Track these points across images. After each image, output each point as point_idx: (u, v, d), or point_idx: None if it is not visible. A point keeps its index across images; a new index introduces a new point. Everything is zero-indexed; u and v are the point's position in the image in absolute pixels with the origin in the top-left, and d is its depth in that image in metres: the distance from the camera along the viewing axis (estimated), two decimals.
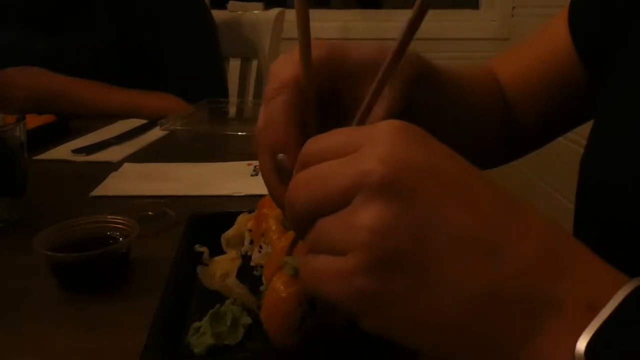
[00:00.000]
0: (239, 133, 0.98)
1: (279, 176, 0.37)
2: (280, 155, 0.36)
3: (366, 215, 0.28)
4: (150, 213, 0.64)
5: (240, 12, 1.60)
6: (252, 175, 0.78)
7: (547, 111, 0.64)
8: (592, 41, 0.57)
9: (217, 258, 0.49)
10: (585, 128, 0.54)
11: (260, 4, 1.76)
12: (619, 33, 0.51)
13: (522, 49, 0.66)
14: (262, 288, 0.45)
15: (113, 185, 0.76)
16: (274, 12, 1.58)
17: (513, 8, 2.25)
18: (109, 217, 0.54)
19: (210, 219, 0.56)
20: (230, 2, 1.77)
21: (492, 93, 0.65)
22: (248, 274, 0.48)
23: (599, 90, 0.53)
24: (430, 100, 0.54)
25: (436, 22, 2.27)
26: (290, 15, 2.15)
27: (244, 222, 0.52)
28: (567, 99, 0.62)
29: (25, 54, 1.18)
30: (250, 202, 0.56)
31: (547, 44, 0.62)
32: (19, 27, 1.22)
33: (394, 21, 2.30)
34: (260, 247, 0.47)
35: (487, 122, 0.64)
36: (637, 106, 0.45)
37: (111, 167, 0.83)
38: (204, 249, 0.50)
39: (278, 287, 0.37)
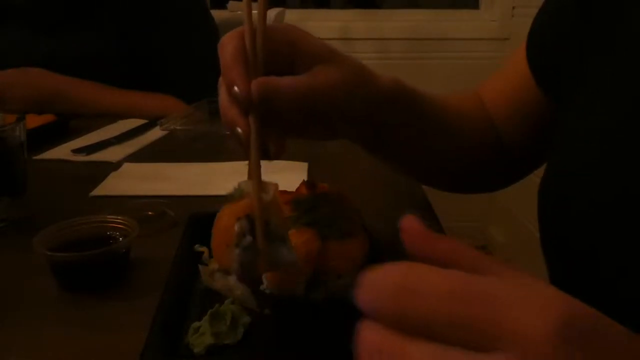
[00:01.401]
0: None
1: (234, 104, 0.43)
2: (235, 88, 0.42)
3: None
4: (150, 213, 0.64)
5: (240, 12, 1.60)
6: None
7: (525, 136, 0.64)
8: (547, 71, 0.56)
9: None
10: None
11: None
12: (572, 65, 0.50)
13: (501, 73, 0.66)
14: (262, 287, 0.45)
15: (113, 185, 0.76)
16: (274, 11, 1.58)
17: (513, 8, 2.24)
18: (109, 217, 0.54)
19: (210, 219, 0.56)
20: (230, 2, 1.77)
21: (480, 118, 0.65)
22: None
23: (556, 118, 0.53)
24: (410, 122, 0.55)
25: (436, 22, 2.27)
26: (290, 15, 2.16)
27: None
28: (539, 124, 0.61)
29: (27, 55, 1.18)
30: None
31: (513, 72, 0.62)
32: (21, 27, 1.22)
33: (394, 21, 2.30)
34: None
35: (478, 147, 0.65)
36: (587, 138, 0.45)
37: (111, 167, 0.83)
38: (204, 249, 0.50)
39: (222, 210, 0.40)
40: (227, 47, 0.44)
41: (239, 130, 0.43)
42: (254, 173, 0.40)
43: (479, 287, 0.22)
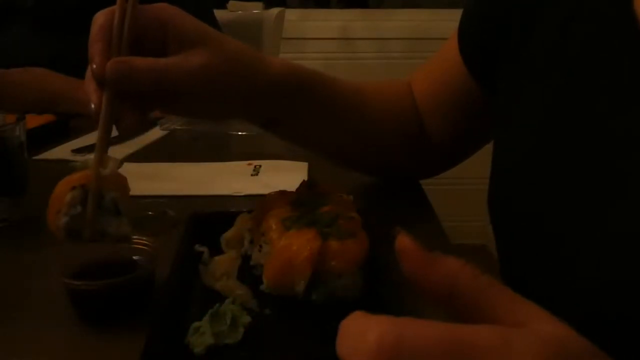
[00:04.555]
0: (239, 133, 0.98)
1: (92, 79, 0.46)
2: (93, 65, 0.45)
3: None
4: (150, 213, 0.64)
5: (240, 12, 1.60)
6: (252, 175, 0.78)
7: (452, 126, 0.64)
8: (480, 60, 0.56)
9: (217, 258, 0.49)
10: None
11: (260, 4, 1.77)
12: (506, 52, 0.50)
13: (432, 62, 0.67)
14: (262, 287, 0.45)
15: None
16: (274, 11, 1.58)
17: None
18: (134, 238, 0.48)
19: (210, 219, 0.56)
20: (230, 1, 1.77)
21: (401, 105, 0.66)
22: (248, 274, 0.48)
23: (493, 111, 0.53)
24: (311, 108, 0.57)
25: (436, 21, 2.27)
26: (290, 14, 2.15)
27: (243, 222, 0.52)
28: (470, 115, 0.62)
29: (32, 55, 1.19)
30: (250, 202, 0.56)
31: (445, 60, 0.62)
32: (26, 28, 1.22)
33: (394, 21, 2.30)
34: (260, 246, 0.47)
35: (393, 135, 0.65)
36: (526, 135, 0.45)
37: None
38: (204, 249, 0.50)
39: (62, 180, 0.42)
40: (95, 23, 0.46)
41: (92, 105, 0.45)
42: (98, 147, 0.44)
43: (465, 344, 0.21)
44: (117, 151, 0.90)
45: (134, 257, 0.48)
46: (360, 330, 0.21)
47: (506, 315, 0.23)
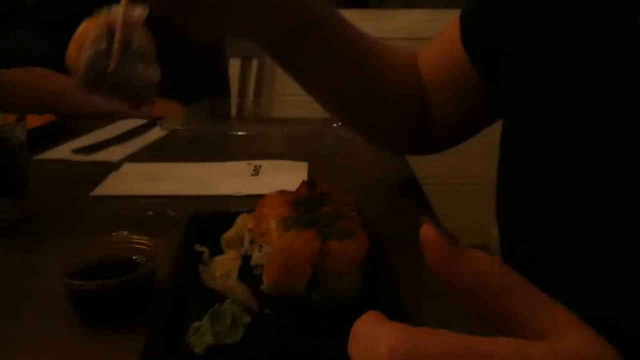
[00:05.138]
0: (239, 133, 0.98)
1: None
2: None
3: None
4: (150, 213, 0.64)
5: None
6: (252, 175, 0.78)
7: (453, 107, 0.64)
8: (482, 54, 0.57)
9: (217, 258, 0.49)
10: None
11: None
12: (504, 52, 0.50)
13: (439, 42, 0.66)
14: (262, 287, 0.45)
15: (113, 185, 0.76)
16: None
17: None
18: (134, 237, 0.49)
19: (210, 219, 0.56)
20: None
21: (408, 76, 0.66)
22: (248, 274, 0.48)
23: (496, 96, 0.53)
24: (331, 51, 0.58)
25: (436, 21, 2.27)
26: None
27: (243, 222, 0.52)
28: (474, 98, 0.61)
29: (33, 55, 1.19)
30: (250, 202, 0.56)
31: (450, 44, 0.62)
32: (27, 28, 1.22)
33: (394, 21, 2.30)
34: (261, 246, 0.47)
35: (401, 100, 0.65)
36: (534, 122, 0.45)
37: (111, 167, 0.83)
38: (204, 249, 0.50)
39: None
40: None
41: None
42: None
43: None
44: (117, 151, 0.91)
45: (134, 257, 0.48)
46: (373, 337, 0.20)
47: (531, 320, 0.22)
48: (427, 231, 0.23)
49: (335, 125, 0.92)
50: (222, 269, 0.47)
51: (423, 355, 0.19)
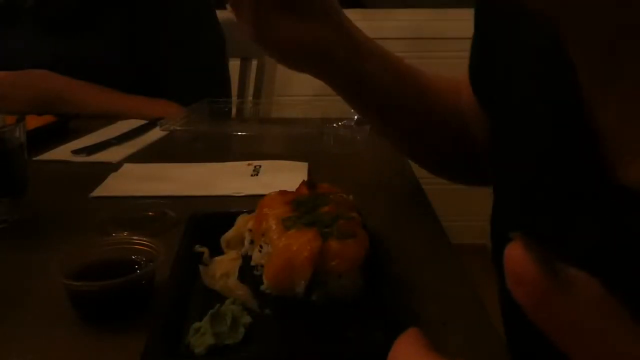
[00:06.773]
0: (239, 133, 0.98)
1: None
2: None
3: None
4: (150, 213, 0.64)
5: None
6: (252, 175, 0.78)
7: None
8: (483, 85, 0.58)
9: (217, 258, 0.49)
10: None
11: None
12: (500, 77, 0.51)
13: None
14: (262, 288, 0.45)
15: (113, 186, 0.76)
16: None
17: None
18: (134, 238, 0.49)
19: (210, 219, 0.56)
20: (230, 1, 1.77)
21: (451, 104, 0.66)
22: (248, 274, 0.48)
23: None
24: (385, 78, 0.64)
25: (436, 21, 2.27)
26: None
27: (243, 223, 0.52)
28: None
29: (34, 56, 1.19)
30: (250, 202, 0.56)
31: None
32: (29, 29, 1.22)
33: (394, 21, 2.30)
34: (261, 246, 0.47)
35: (444, 128, 0.66)
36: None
37: (111, 167, 0.83)
38: (204, 249, 0.50)
39: None
40: None
41: None
42: None
43: None
44: (117, 152, 0.91)
45: (134, 257, 0.48)
46: None
47: None
48: (513, 255, 0.17)
49: (335, 125, 0.92)
50: (222, 269, 0.47)
51: None
